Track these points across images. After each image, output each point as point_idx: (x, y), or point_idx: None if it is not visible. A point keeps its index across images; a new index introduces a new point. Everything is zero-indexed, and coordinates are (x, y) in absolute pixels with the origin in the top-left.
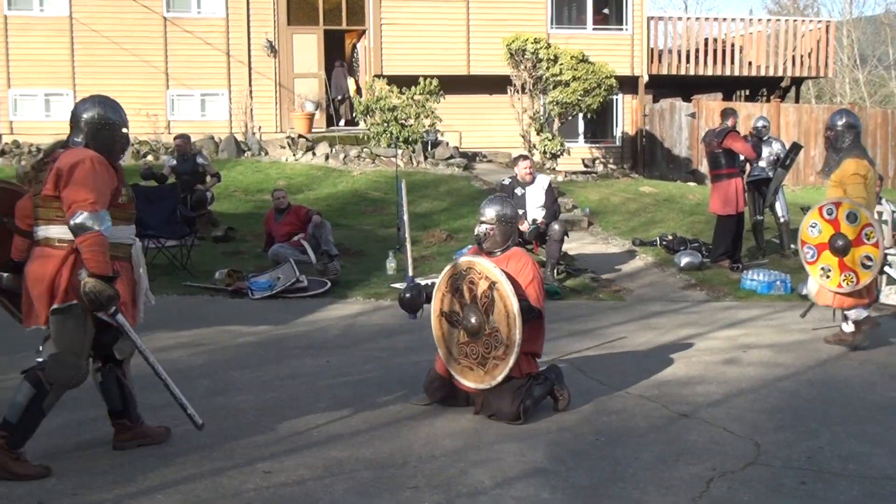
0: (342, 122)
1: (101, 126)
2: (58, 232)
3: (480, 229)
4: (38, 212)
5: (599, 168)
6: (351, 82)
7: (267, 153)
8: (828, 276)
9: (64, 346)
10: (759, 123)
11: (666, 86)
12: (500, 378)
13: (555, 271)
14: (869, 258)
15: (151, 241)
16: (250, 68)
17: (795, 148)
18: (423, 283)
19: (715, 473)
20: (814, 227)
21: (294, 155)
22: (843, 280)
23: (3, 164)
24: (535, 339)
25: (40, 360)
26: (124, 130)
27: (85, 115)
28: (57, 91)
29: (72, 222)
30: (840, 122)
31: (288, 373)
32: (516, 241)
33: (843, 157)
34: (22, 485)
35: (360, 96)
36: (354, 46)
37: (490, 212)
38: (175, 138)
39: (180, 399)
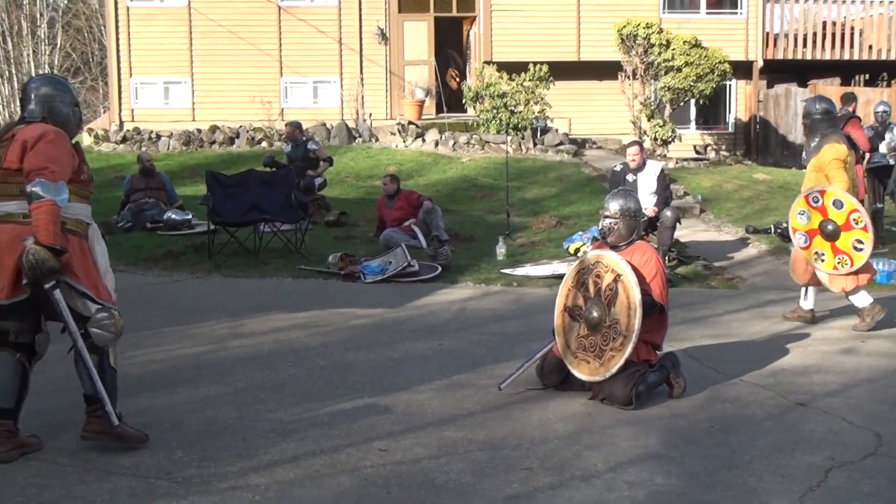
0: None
1: (56, 103)
2: (20, 207)
3: (605, 223)
4: None
5: (711, 155)
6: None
7: (377, 140)
8: (822, 260)
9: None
10: (880, 108)
11: (781, 71)
12: (614, 370)
13: (666, 258)
14: (860, 241)
15: (267, 224)
16: (361, 56)
17: None
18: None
19: (833, 463)
20: (802, 214)
21: (404, 141)
22: (838, 262)
23: (124, 151)
24: (657, 331)
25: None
26: (76, 108)
27: (38, 93)
28: (176, 79)
29: (28, 188)
30: (816, 109)
31: (401, 355)
32: (640, 235)
33: (822, 143)
34: (151, 456)
35: (461, 82)
36: (469, 34)
37: (614, 205)
38: (286, 125)
39: (101, 393)
